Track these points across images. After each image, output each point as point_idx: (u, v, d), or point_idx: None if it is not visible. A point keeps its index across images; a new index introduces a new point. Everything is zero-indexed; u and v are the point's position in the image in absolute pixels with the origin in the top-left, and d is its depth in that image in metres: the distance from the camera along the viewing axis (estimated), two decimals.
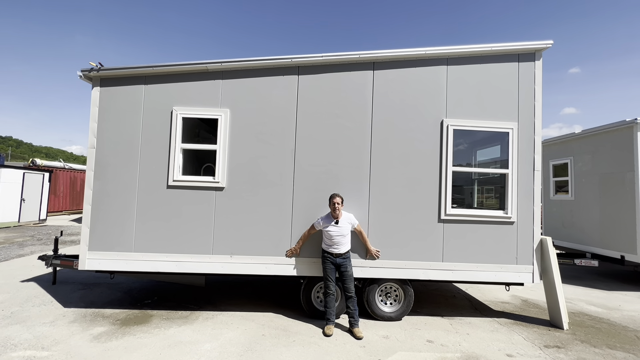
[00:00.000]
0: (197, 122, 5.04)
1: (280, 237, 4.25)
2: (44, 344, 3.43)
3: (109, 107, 4.32)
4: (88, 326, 3.89)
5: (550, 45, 4.32)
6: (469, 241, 4.28)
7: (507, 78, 4.39)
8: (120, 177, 4.25)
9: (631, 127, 5.93)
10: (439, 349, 3.57)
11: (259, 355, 3.35)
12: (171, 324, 4.01)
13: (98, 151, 4.28)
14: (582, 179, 7.00)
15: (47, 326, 3.85)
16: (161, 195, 4.24)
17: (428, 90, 4.38)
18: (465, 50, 4.34)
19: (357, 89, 4.35)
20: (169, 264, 4.19)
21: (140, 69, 4.29)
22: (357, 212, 4.22)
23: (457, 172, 4.42)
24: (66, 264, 4.80)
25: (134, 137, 4.29)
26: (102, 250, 4.20)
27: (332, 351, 3.46)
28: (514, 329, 4.17)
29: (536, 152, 4.34)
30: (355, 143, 4.31)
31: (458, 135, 4.40)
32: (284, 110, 4.33)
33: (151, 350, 3.38)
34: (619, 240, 6.09)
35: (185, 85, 4.34)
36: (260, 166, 4.29)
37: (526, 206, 4.31)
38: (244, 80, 4.35)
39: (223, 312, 4.43)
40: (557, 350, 3.63)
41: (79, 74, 4.27)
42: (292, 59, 4.27)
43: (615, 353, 3.59)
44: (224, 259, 4.21)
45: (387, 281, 4.36)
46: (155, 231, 4.21)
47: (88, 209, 4.23)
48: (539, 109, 4.36)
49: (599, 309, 4.99)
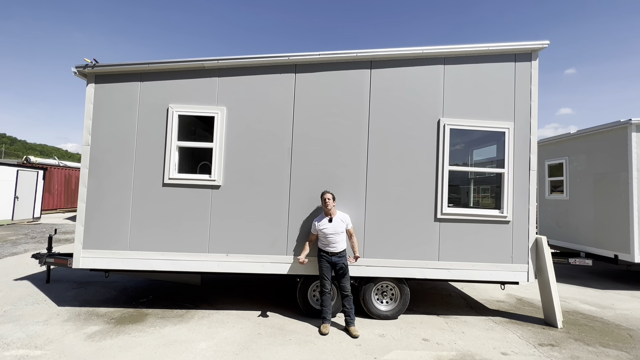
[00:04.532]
0: (193, 119, 5.02)
1: (276, 236, 4.24)
2: (37, 343, 3.39)
3: (104, 104, 4.28)
4: (82, 325, 3.86)
5: (547, 46, 4.34)
6: (465, 240, 4.30)
7: (503, 78, 4.41)
8: (115, 175, 4.22)
9: (625, 127, 5.99)
10: (434, 348, 3.59)
11: (255, 353, 3.34)
12: (166, 323, 3.99)
13: (93, 148, 4.24)
14: (577, 178, 7.06)
15: (40, 325, 3.82)
16: (157, 193, 4.21)
17: (425, 90, 4.38)
18: (462, 49, 4.35)
19: (354, 88, 4.35)
20: (164, 262, 4.16)
21: (135, 66, 4.25)
22: (353, 210, 4.22)
23: (454, 171, 4.43)
24: (60, 262, 4.75)
25: (129, 134, 4.25)
26: (97, 248, 4.16)
27: (328, 350, 3.46)
28: (509, 327, 4.20)
29: (532, 152, 4.36)
30: (352, 141, 4.30)
31: (455, 135, 4.41)
32: (281, 109, 4.31)
33: (146, 349, 3.36)
34: (613, 240, 6.15)
35: (181, 83, 4.31)
36: (257, 164, 4.27)
37: (521, 205, 4.33)
38: (241, 78, 4.33)
39: (219, 311, 4.42)
40: (551, 348, 3.66)
41: (73, 71, 4.22)
42: (289, 57, 4.25)
43: (608, 351, 3.63)
44: (220, 258, 4.19)
45: (383, 280, 4.37)
46: (151, 229, 4.18)
47: (82, 206, 4.19)
48: (535, 109, 4.38)
49: (592, 308, 5.04)
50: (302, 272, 4.21)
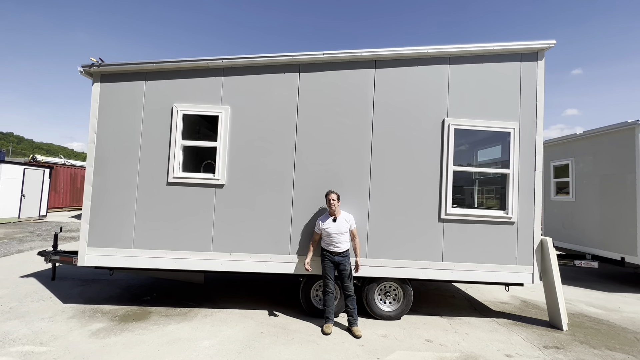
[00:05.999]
0: (197, 119, 5.03)
1: (279, 235, 4.24)
2: (43, 340, 3.43)
3: (109, 103, 4.31)
4: (87, 322, 3.89)
5: (553, 45, 4.30)
6: (469, 241, 4.26)
7: (509, 78, 4.37)
8: (120, 174, 4.24)
9: (633, 128, 5.91)
10: (437, 349, 3.57)
11: (258, 352, 3.34)
12: (170, 321, 4.01)
13: (98, 147, 4.27)
14: (583, 180, 6.98)
15: (45, 322, 3.85)
16: (161, 191, 4.23)
17: (430, 89, 4.36)
18: (467, 49, 4.32)
19: (359, 88, 4.34)
20: (168, 260, 4.18)
21: (141, 65, 4.28)
22: (357, 210, 4.21)
23: (458, 171, 4.39)
24: (65, 259, 4.80)
25: (134, 133, 4.28)
26: (101, 246, 4.19)
27: (330, 350, 3.45)
28: (513, 329, 4.16)
29: (537, 153, 4.32)
30: (356, 141, 4.29)
31: (459, 135, 4.38)
32: (284, 108, 4.31)
33: (149, 346, 3.38)
34: (619, 242, 6.07)
35: (186, 82, 4.33)
36: (261, 164, 4.27)
37: (527, 206, 4.30)
38: (245, 77, 4.34)
39: (222, 310, 4.43)
40: (556, 351, 3.62)
41: (79, 70, 4.26)
42: (293, 57, 4.25)
43: (614, 355, 3.58)
44: (223, 257, 4.20)
45: (386, 280, 4.35)
46: (155, 228, 4.20)
47: (88, 204, 4.22)
48: (541, 109, 4.34)
49: (598, 310, 4.98)
50: (305, 271, 4.20)
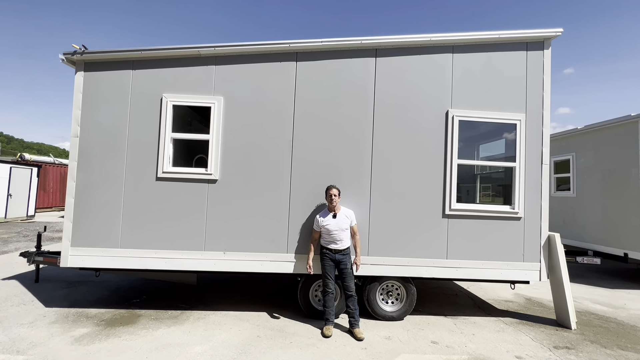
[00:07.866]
0: (188, 110, 4.79)
1: (276, 233, 4.02)
2: (20, 347, 3.16)
3: (93, 94, 4.04)
4: (70, 327, 3.63)
5: (561, 34, 4.14)
6: (474, 237, 4.09)
7: (514, 67, 4.20)
8: (105, 169, 3.99)
9: (636, 122, 5.80)
10: (444, 351, 3.38)
11: (254, 358, 3.12)
12: (160, 325, 3.77)
13: (82, 141, 4.00)
14: (584, 175, 6.88)
15: (25, 327, 3.59)
16: (150, 187, 3.98)
17: (433, 79, 4.17)
18: (471, 37, 4.13)
19: (359, 77, 4.13)
20: (158, 260, 3.93)
21: (128, 53, 4.02)
22: (357, 206, 4.00)
23: (463, 165, 4.21)
24: (49, 260, 4.53)
25: (121, 125, 4.02)
26: (86, 246, 3.93)
27: (331, 353, 3.25)
28: (521, 329, 4.00)
29: (544, 145, 4.16)
30: (356, 133, 4.09)
31: (464, 127, 4.19)
32: (281, 99, 4.09)
33: (137, 353, 3.14)
34: (623, 238, 5.98)
35: (176, 71, 4.08)
36: (256, 157, 4.05)
37: (534, 201, 4.13)
38: (239, 66, 4.10)
39: (215, 312, 4.19)
40: (567, 351, 3.46)
41: (61, 58, 3.98)
42: (290, 44, 4.03)
43: (627, 354, 3.43)
44: (216, 256, 3.97)
45: (388, 279, 4.16)
46: (143, 226, 3.95)
47: (71, 202, 3.95)
48: (548, 100, 4.18)
49: (604, 308, 4.86)
50: (303, 271, 3.99)
